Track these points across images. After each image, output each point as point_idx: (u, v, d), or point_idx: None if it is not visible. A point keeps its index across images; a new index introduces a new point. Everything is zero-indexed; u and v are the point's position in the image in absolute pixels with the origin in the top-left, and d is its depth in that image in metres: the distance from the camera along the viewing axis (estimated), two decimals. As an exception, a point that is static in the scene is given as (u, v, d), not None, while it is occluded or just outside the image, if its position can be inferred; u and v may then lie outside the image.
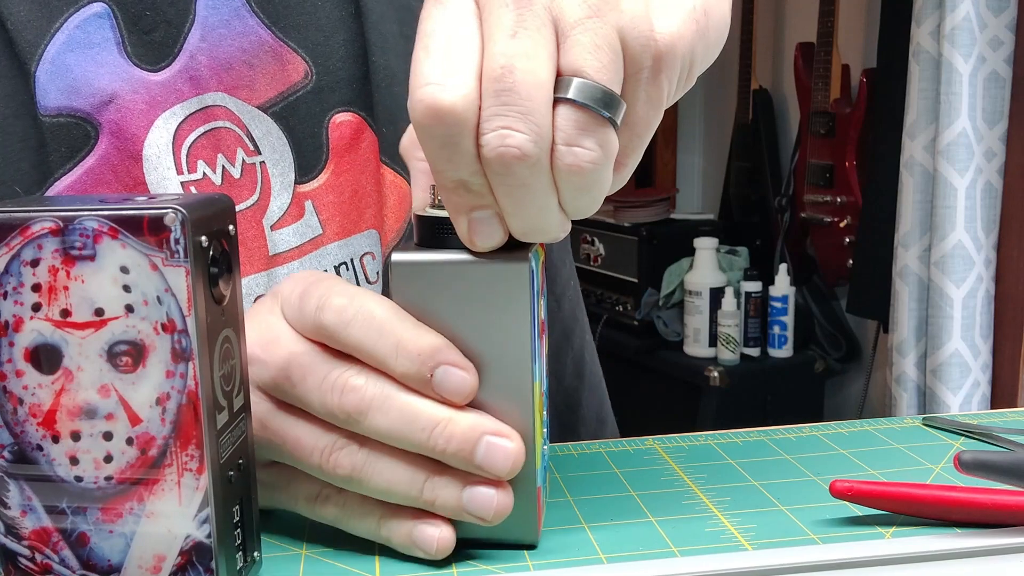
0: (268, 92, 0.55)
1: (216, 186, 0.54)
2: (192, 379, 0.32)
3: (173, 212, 0.31)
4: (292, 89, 0.55)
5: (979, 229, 1.72)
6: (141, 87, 0.52)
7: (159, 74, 0.53)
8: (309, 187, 0.56)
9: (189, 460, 0.33)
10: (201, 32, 0.54)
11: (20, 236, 0.32)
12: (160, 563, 0.34)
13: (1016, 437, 0.51)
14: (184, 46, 0.53)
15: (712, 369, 2.16)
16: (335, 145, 0.56)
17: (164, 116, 0.53)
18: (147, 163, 0.52)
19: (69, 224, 0.32)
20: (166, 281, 0.32)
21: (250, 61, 0.54)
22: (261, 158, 0.55)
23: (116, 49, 0.52)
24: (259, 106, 0.55)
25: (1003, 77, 1.71)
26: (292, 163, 0.55)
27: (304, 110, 0.55)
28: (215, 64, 0.54)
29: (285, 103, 0.55)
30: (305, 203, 0.56)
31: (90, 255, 0.32)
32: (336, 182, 0.56)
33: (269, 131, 0.55)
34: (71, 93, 0.52)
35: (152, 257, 0.32)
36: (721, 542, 0.40)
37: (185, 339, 0.32)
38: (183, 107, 0.53)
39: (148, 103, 0.53)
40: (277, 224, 0.55)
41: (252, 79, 0.54)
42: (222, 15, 0.54)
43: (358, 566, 0.39)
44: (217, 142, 0.54)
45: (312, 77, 0.55)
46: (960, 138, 1.68)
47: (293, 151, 0.55)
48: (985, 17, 1.68)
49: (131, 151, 0.52)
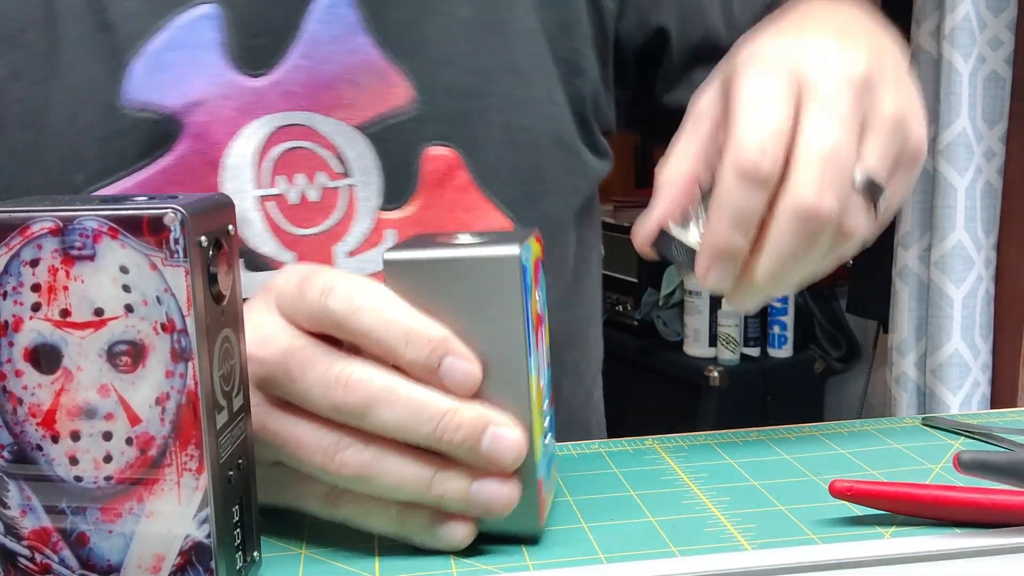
0: (368, 112, 0.54)
1: (291, 205, 0.53)
2: (192, 379, 0.32)
3: (172, 212, 0.31)
4: (393, 113, 0.54)
5: (979, 229, 1.72)
6: (234, 92, 0.52)
7: (255, 80, 0.52)
8: (393, 215, 0.55)
9: (189, 460, 0.33)
10: (305, 48, 0.53)
11: (20, 236, 0.32)
12: (160, 563, 0.34)
13: (1016, 437, 0.51)
14: (284, 59, 0.53)
15: (712, 369, 2.16)
16: (427, 178, 0.55)
17: (252, 126, 0.52)
18: (226, 171, 0.52)
19: (69, 224, 0.32)
20: (165, 281, 0.32)
21: (355, 79, 0.54)
22: (349, 181, 0.54)
23: (219, 51, 0.52)
24: (357, 126, 0.54)
25: (1003, 77, 1.71)
26: (380, 188, 0.54)
27: (401, 136, 0.54)
28: (314, 82, 0.53)
29: (384, 125, 0.54)
30: (386, 231, 0.55)
31: (90, 255, 0.32)
32: (423, 216, 0.55)
33: (362, 153, 0.54)
34: (161, 90, 0.51)
35: (152, 257, 0.32)
36: (721, 542, 0.40)
37: (185, 339, 0.32)
38: (272, 119, 0.53)
39: (238, 110, 0.52)
40: (355, 251, 0.54)
41: (354, 97, 0.54)
42: (333, 30, 0.53)
43: (358, 566, 0.39)
44: (299, 161, 0.53)
45: (416, 104, 0.55)
46: (960, 138, 1.68)
47: (383, 176, 0.54)
48: (985, 17, 1.67)
49: (211, 157, 0.52)
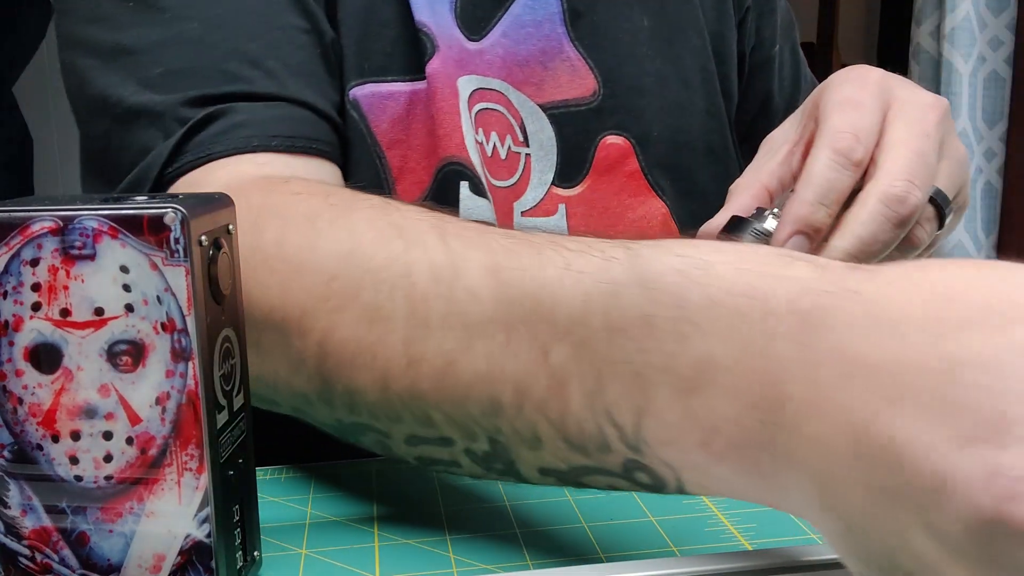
0: (553, 95, 0.59)
1: (488, 157, 0.57)
2: (192, 379, 0.32)
3: (173, 211, 0.31)
4: (577, 101, 0.60)
5: (979, 229, 1.72)
6: (455, 45, 0.57)
7: (469, 43, 0.58)
8: (565, 192, 0.60)
9: (189, 460, 0.33)
10: (506, 28, 0.58)
11: (20, 235, 0.32)
12: (160, 562, 0.34)
13: (1016, 437, 0.51)
14: (489, 33, 0.58)
15: (712, 369, 2.16)
16: (599, 164, 0.60)
17: (464, 79, 0.57)
18: (460, 102, 0.56)
19: (69, 223, 0.32)
20: (166, 280, 0.32)
21: (546, 63, 0.59)
22: (528, 150, 0.59)
23: (449, 6, 0.57)
24: (540, 104, 0.59)
25: (1003, 77, 1.71)
26: (555, 165, 0.59)
27: (581, 123, 0.60)
28: (511, 57, 0.58)
29: (566, 110, 0.59)
30: (559, 205, 0.59)
31: (90, 254, 0.32)
32: (591, 196, 0.60)
33: (542, 128, 0.59)
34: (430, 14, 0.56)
35: (152, 256, 0.32)
36: (721, 541, 0.40)
37: (185, 338, 0.32)
38: (478, 80, 0.57)
39: (456, 62, 0.57)
40: (529, 212, 0.59)
41: (542, 78, 0.59)
42: (536, 16, 0.59)
43: (358, 566, 0.39)
44: (494, 121, 0.58)
45: (599, 96, 0.60)
46: (960, 138, 1.68)
47: (559, 156, 0.59)
48: (985, 17, 1.68)
49: (450, 87, 0.56)
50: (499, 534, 0.41)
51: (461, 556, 0.39)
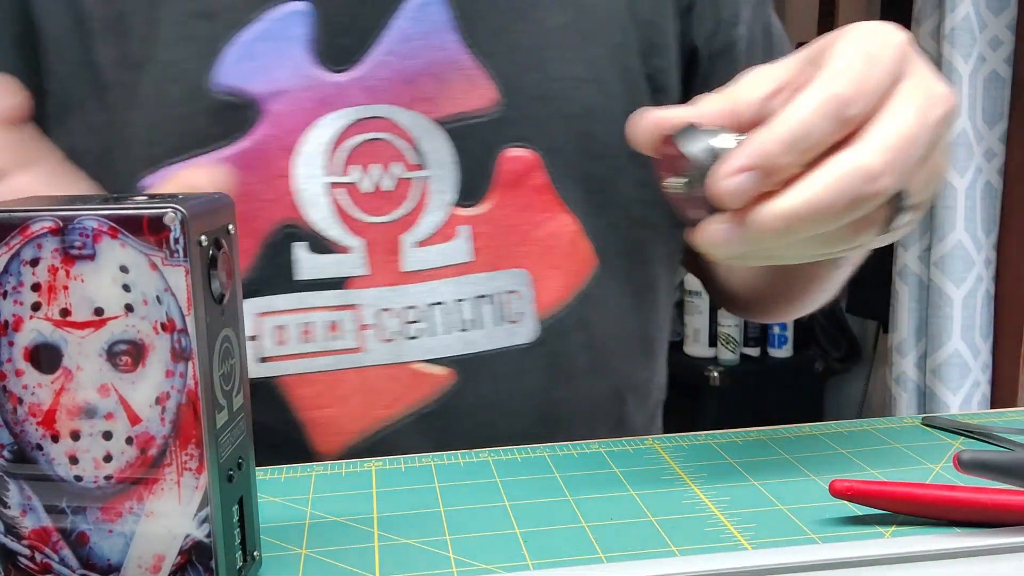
0: (449, 108, 0.55)
1: (363, 193, 0.54)
2: (192, 379, 0.32)
3: (173, 211, 0.31)
4: (475, 113, 0.56)
5: (979, 229, 1.72)
6: (316, 85, 0.54)
7: (338, 76, 0.54)
8: (468, 212, 0.56)
9: (189, 459, 0.33)
10: (390, 44, 0.55)
11: (20, 235, 0.32)
12: (160, 562, 0.34)
13: (1016, 437, 0.51)
14: (369, 55, 0.55)
15: (712, 369, 2.16)
16: (503, 178, 0.56)
17: (330, 117, 0.54)
18: (300, 158, 0.54)
19: (69, 223, 0.32)
20: (166, 281, 0.32)
21: (439, 75, 0.55)
22: (424, 173, 0.55)
23: (306, 46, 0.54)
24: (436, 119, 0.55)
25: (1003, 77, 1.71)
26: (456, 184, 0.56)
27: (481, 136, 0.56)
28: (398, 76, 0.55)
29: (465, 124, 0.56)
30: (460, 227, 0.56)
31: (90, 254, 0.32)
32: (496, 215, 0.56)
33: (440, 147, 0.55)
34: (248, 77, 0.53)
35: (152, 256, 0.32)
36: (721, 542, 0.40)
37: (185, 338, 0.32)
38: (352, 112, 0.54)
39: (318, 101, 0.54)
40: (424, 242, 0.55)
41: (436, 93, 0.55)
42: (422, 28, 0.55)
43: (358, 566, 0.39)
44: (375, 152, 0.54)
45: (499, 107, 0.56)
46: (960, 138, 1.68)
47: (460, 173, 0.56)
48: (985, 17, 1.68)
49: (286, 143, 0.54)
50: (499, 534, 0.41)
51: (461, 556, 0.39)
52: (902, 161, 0.38)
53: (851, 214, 0.38)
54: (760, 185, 0.37)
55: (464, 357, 0.56)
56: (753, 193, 0.38)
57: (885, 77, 0.39)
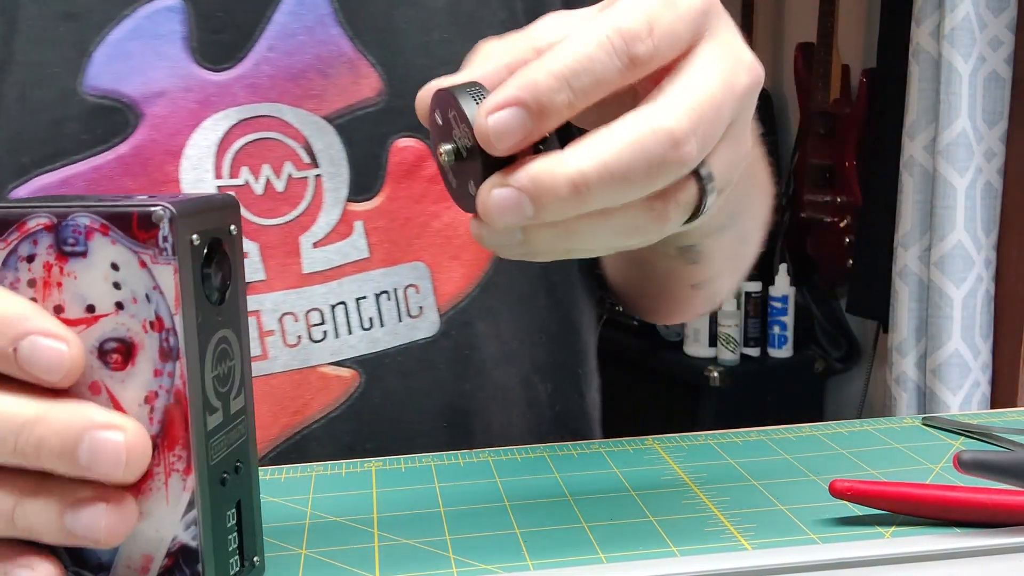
0: (336, 103, 0.54)
1: (256, 195, 0.53)
2: (180, 378, 0.32)
3: (162, 210, 0.31)
4: (361, 104, 0.54)
5: (979, 229, 1.72)
6: (196, 85, 0.52)
7: (219, 75, 0.52)
8: (362, 207, 0.54)
9: (176, 461, 0.33)
10: (272, 40, 0.53)
11: (17, 231, 0.32)
12: (148, 563, 0.33)
13: (1016, 437, 0.51)
14: (250, 52, 0.53)
15: (712, 369, 2.16)
16: (394, 169, 0.55)
17: (214, 118, 0.52)
18: (186, 162, 0.52)
19: (63, 220, 0.32)
20: (154, 279, 0.32)
21: (325, 70, 0.54)
22: (317, 171, 0.54)
23: (181, 44, 0.52)
24: (325, 116, 0.54)
25: (1003, 77, 1.71)
26: (348, 179, 0.54)
27: (369, 128, 0.54)
28: (282, 73, 0.53)
29: (352, 116, 0.54)
30: (355, 223, 0.54)
31: (82, 251, 0.32)
32: (391, 207, 0.55)
33: (331, 144, 0.54)
34: (122, 79, 0.51)
35: (141, 254, 0.31)
36: (721, 542, 0.40)
37: (173, 338, 0.32)
38: (237, 112, 0.53)
39: (200, 103, 0.52)
40: (321, 242, 0.54)
41: (323, 88, 0.54)
42: (305, 21, 0.53)
43: (358, 566, 0.39)
44: (265, 152, 0.53)
45: (384, 96, 0.54)
46: (960, 138, 1.68)
47: (351, 167, 0.54)
48: (985, 17, 1.67)
49: (170, 147, 0.52)
50: (499, 534, 0.41)
51: (461, 556, 0.39)
52: (704, 128, 0.33)
53: (651, 183, 0.33)
54: (530, 127, 0.32)
55: (369, 357, 0.55)
56: (522, 135, 0.32)
57: (681, 24, 0.34)
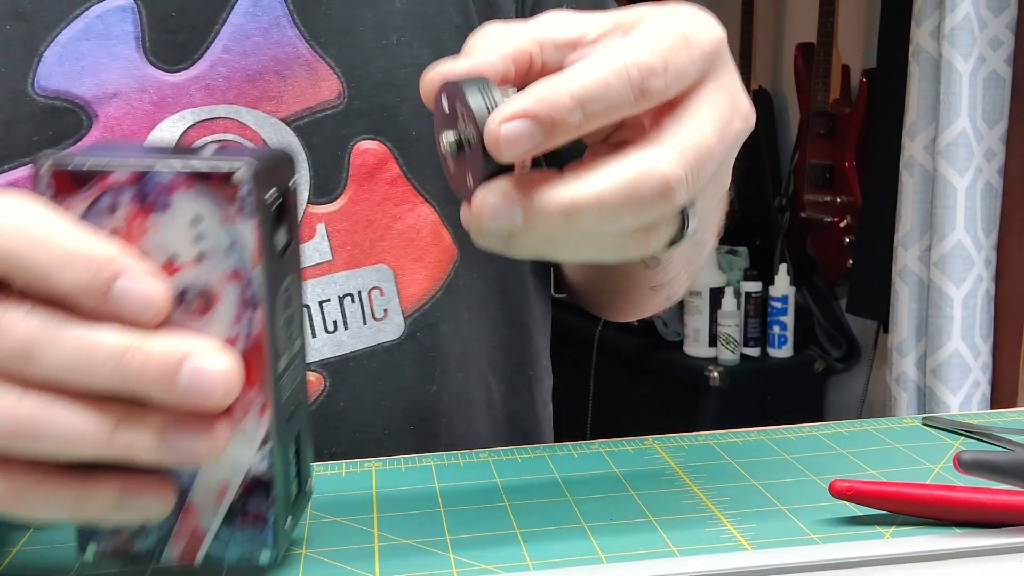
0: (295, 106, 0.54)
1: None
2: (258, 325, 0.34)
3: (245, 167, 0.33)
4: (321, 107, 0.54)
5: (979, 229, 1.72)
6: (151, 87, 0.52)
7: (174, 76, 0.52)
8: (323, 209, 0.54)
9: (253, 400, 0.35)
10: (228, 42, 0.53)
11: (99, 184, 0.33)
12: (225, 489, 0.36)
13: (1016, 437, 0.51)
14: (206, 54, 0.52)
15: (712, 369, 2.16)
16: (355, 172, 0.55)
17: (170, 120, 0.52)
18: None
19: (145, 174, 0.33)
20: (236, 233, 0.33)
21: (282, 72, 0.53)
22: None
23: (134, 44, 0.52)
24: (283, 119, 0.53)
25: (1003, 77, 1.71)
26: (308, 182, 0.54)
27: (330, 130, 0.54)
28: (238, 75, 0.53)
29: (311, 119, 0.54)
30: (317, 225, 0.54)
31: (164, 205, 0.33)
32: (353, 210, 0.55)
33: (289, 145, 0.53)
34: (74, 79, 0.51)
35: (223, 209, 0.33)
36: (721, 542, 0.40)
37: (251, 288, 0.34)
38: (192, 113, 0.52)
39: (155, 104, 0.52)
40: None
41: (281, 90, 0.53)
42: (260, 23, 0.53)
43: (358, 566, 0.39)
44: None
45: (344, 98, 0.54)
46: (960, 138, 1.68)
47: (312, 170, 0.54)
48: (985, 17, 1.68)
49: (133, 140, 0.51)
50: (499, 534, 0.41)
51: (461, 556, 0.39)
52: (696, 175, 0.35)
53: (638, 220, 0.35)
54: (538, 140, 0.33)
55: (334, 360, 0.55)
56: (529, 146, 0.33)
57: (692, 64, 0.35)
